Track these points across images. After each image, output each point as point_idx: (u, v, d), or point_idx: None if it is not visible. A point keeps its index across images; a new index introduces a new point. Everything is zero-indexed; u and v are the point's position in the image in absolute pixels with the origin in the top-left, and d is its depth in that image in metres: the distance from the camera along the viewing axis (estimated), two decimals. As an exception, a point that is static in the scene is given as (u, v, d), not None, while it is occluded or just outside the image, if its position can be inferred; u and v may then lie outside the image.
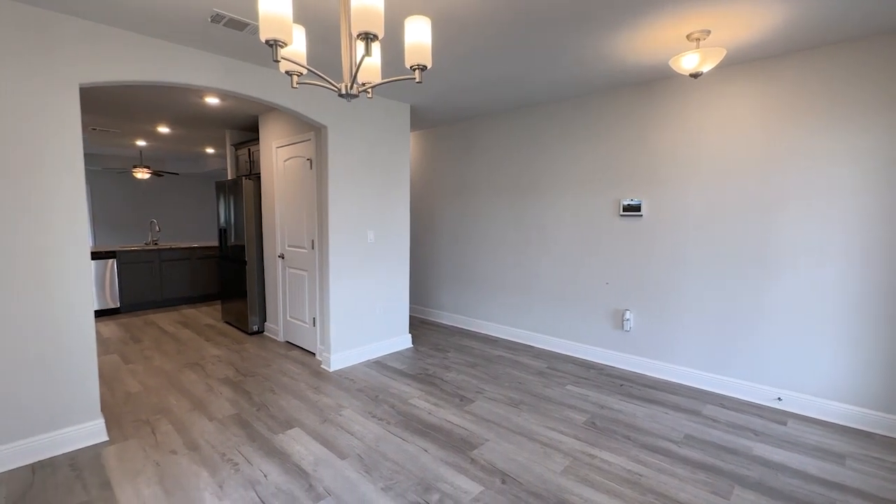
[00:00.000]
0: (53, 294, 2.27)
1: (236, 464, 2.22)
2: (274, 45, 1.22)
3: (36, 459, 2.25)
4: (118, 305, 5.59)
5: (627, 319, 3.56)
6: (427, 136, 5.17)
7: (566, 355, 3.98)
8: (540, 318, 4.21)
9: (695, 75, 2.45)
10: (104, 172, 8.43)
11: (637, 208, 3.45)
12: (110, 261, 5.51)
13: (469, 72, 3.10)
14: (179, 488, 2.02)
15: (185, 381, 3.35)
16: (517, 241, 4.34)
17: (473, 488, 2.04)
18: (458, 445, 2.42)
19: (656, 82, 3.32)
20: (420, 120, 4.70)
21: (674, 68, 2.54)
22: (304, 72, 1.52)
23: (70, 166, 2.28)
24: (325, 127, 3.44)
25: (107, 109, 4.37)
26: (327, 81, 1.42)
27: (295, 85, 1.51)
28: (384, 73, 3.05)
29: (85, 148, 6.84)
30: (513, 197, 4.35)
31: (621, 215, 3.57)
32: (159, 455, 2.30)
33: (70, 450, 2.34)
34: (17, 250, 2.16)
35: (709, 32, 2.41)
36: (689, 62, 2.41)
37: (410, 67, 1.41)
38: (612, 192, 3.62)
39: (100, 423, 2.45)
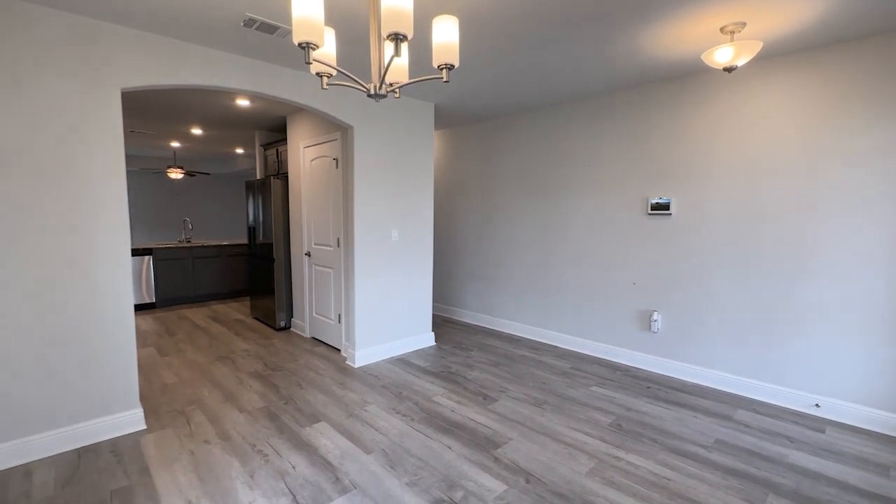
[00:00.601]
0: (98, 290, 2.39)
1: (266, 455, 2.29)
2: (306, 47, 1.26)
3: (81, 445, 2.37)
4: (154, 300, 5.83)
5: (655, 320, 3.49)
6: (451, 135, 5.19)
7: (591, 356, 3.92)
8: (564, 318, 4.17)
9: (729, 69, 2.37)
10: (141, 173, 8.80)
11: (666, 207, 3.37)
12: (147, 257, 5.75)
13: (495, 70, 3.10)
14: (213, 477, 2.10)
15: (216, 373, 3.47)
16: (541, 240, 4.30)
17: (497, 487, 2.04)
18: (482, 444, 2.42)
19: (688, 77, 3.23)
20: (444, 119, 4.72)
21: (706, 63, 2.46)
22: (334, 73, 1.56)
23: (113, 168, 2.40)
24: (351, 127, 3.49)
25: (144, 112, 4.56)
26: (356, 82, 1.45)
27: (325, 86, 1.54)
28: (410, 72, 3.07)
29: (125, 150, 7.15)
30: (537, 195, 4.31)
31: (649, 214, 3.50)
32: (194, 444, 2.40)
33: (112, 437, 2.46)
34: (64, 248, 2.28)
35: (744, 25, 2.33)
36: (722, 56, 2.33)
37: (438, 67, 1.42)
38: (640, 191, 3.55)
39: (139, 412, 2.57)
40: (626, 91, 3.58)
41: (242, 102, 4.11)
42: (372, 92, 1.47)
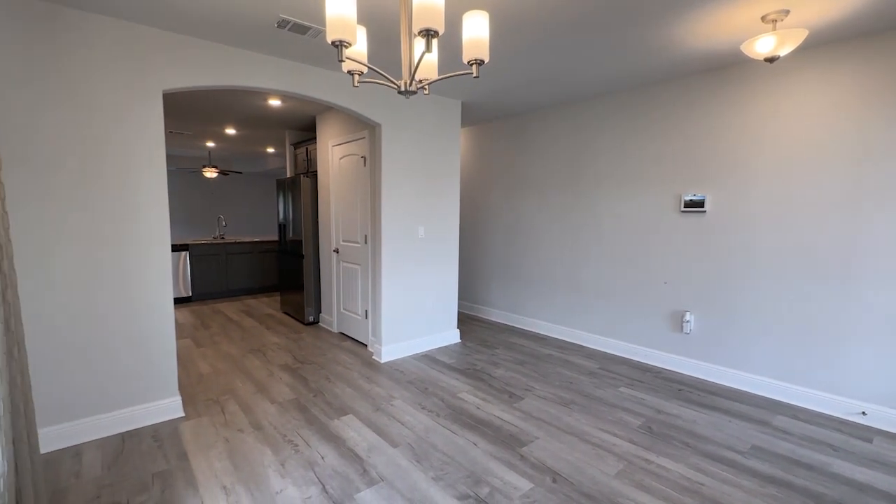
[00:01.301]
0: (141, 283, 2.51)
1: (296, 445, 2.36)
2: (339, 45, 1.28)
3: (125, 429, 2.50)
4: (190, 294, 6.07)
5: (687, 321, 3.38)
6: (477, 132, 5.17)
7: (619, 357, 3.84)
8: (592, 317, 4.09)
9: (770, 60, 2.27)
10: (178, 172, 9.17)
11: (700, 204, 3.26)
12: (184, 253, 5.99)
13: (524, 65, 3.07)
14: (247, 464, 2.18)
15: (248, 365, 3.58)
16: (569, 237, 4.24)
17: (523, 485, 2.03)
18: (508, 441, 2.41)
19: (726, 69, 3.11)
20: (470, 116, 4.71)
21: (746, 53, 2.36)
22: (365, 70, 1.58)
23: (155, 166, 2.51)
24: (378, 125, 3.53)
25: (182, 113, 4.74)
26: (386, 79, 1.47)
27: (356, 83, 1.57)
28: (440, 69, 3.08)
29: (162, 149, 7.47)
30: (565, 192, 4.25)
31: (682, 211, 3.39)
32: (228, 432, 2.49)
33: (153, 423, 2.58)
34: (109, 243, 2.40)
35: (787, 12, 2.23)
36: (764, 46, 2.23)
37: (468, 62, 1.42)
38: (673, 187, 3.44)
39: (177, 400, 2.68)
40: (660, 84, 3.48)
41: (274, 102, 4.22)
42: (402, 88, 1.48)
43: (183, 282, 6.01)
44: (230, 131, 5.72)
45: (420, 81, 1.56)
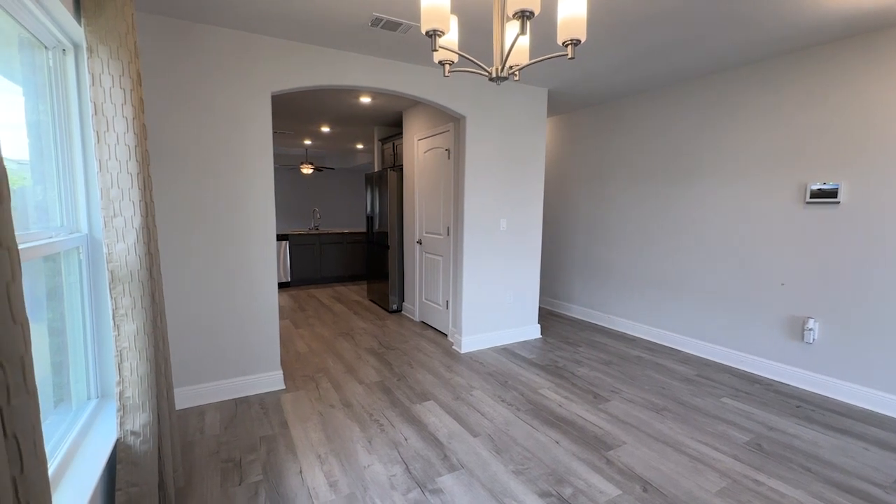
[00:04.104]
0: (252, 268, 2.81)
1: (381, 424, 2.48)
2: (433, 35, 1.29)
3: (238, 396, 2.83)
4: (289, 280, 6.68)
5: (810, 329, 2.94)
6: (561, 122, 4.97)
7: (720, 364, 3.47)
8: (689, 318, 3.74)
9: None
10: (279, 169, 10.09)
11: (832, 194, 2.80)
12: (284, 242, 6.59)
13: (625, 42, 2.87)
14: (338, 437, 2.34)
15: (339, 347, 3.85)
16: (664, 231, 3.91)
17: (610, 490, 1.93)
18: (592, 443, 2.31)
19: (875, 33, 2.62)
20: (555, 105, 4.53)
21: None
22: (456, 60, 1.58)
23: (264, 163, 2.78)
24: (463, 117, 3.55)
25: (285, 114, 5.20)
26: (478, 66, 1.45)
27: (447, 73, 1.58)
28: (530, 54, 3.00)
29: (267, 148, 8.26)
30: (660, 182, 3.92)
31: (808, 202, 2.94)
32: (322, 406, 2.70)
33: (259, 392, 2.89)
34: (227, 233, 2.72)
35: (968, -45, 1.80)
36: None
37: (563, 43, 1.36)
38: (796, 175, 3.00)
39: (279, 374, 2.97)
40: (783, 57, 3.04)
41: (364, 100, 4.43)
42: (493, 75, 1.46)
43: (283, 268, 6.62)
44: (325, 129, 6.14)
45: (511, 67, 1.53)
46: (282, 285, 6.68)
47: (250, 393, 2.87)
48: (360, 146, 7.79)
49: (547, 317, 4.95)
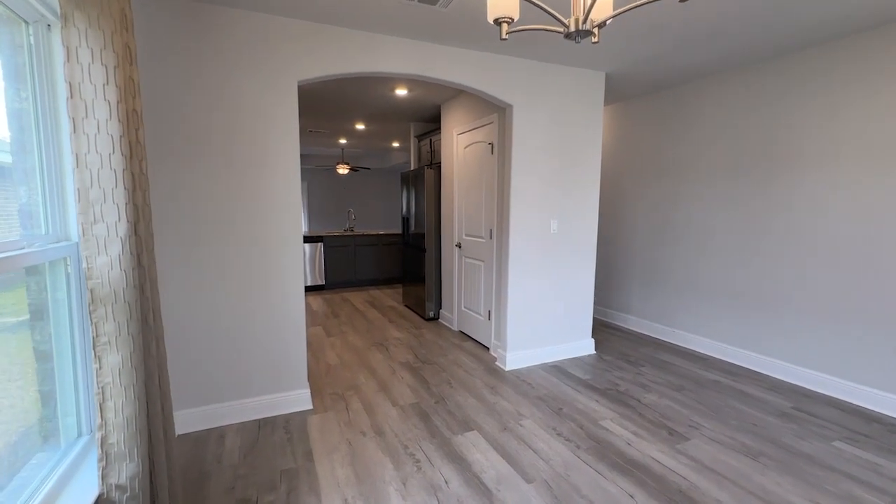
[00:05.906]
0: (276, 278, 2.54)
1: (418, 461, 2.14)
2: (500, 23, 0.92)
3: (262, 416, 2.58)
4: (323, 283, 6.50)
5: (951, 359, 2.34)
6: (617, 111, 4.46)
7: (821, 394, 2.89)
8: (778, 337, 3.17)
9: None
10: (315, 170, 10.03)
11: None
12: (319, 244, 6.42)
13: (699, 13, 2.39)
14: (368, 476, 2.02)
15: (372, 360, 3.55)
16: (744, 233, 3.35)
17: (711, 574, 1.49)
18: (677, 499, 1.86)
19: None
20: (612, 92, 4.04)
21: None
22: (516, 18, 1.21)
23: (290, 157, 2.50)
24: (510, 106, 3.16)
25: (318, 111, 4.98)
26: (551, 17, 1.07)
27: (504, 35, 1.20)
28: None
29: (301, 149, 8.17)
30: (737, 178, 3.36)
31: (949, 200, 2.34)
32: (351, 434, 2.39)
33: (285, 412, 2.62)
34: (248, 237, 2.46)
35: None
36: None
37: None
38: (931, 166, 2.40)
39: (306, 392, 2.70)
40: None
41: (400, 92, 4.12)
42: (572, 29, 1.07)
43: (318, 271, 6.45)
44: (360, 126, 5.91)
45: (593, 21, 1.13)
46: (316, 288, 6.52)
47: (276, 413, 2.61)
48: (395, 144, 7.53)
49: (600, 329, 4.46)
